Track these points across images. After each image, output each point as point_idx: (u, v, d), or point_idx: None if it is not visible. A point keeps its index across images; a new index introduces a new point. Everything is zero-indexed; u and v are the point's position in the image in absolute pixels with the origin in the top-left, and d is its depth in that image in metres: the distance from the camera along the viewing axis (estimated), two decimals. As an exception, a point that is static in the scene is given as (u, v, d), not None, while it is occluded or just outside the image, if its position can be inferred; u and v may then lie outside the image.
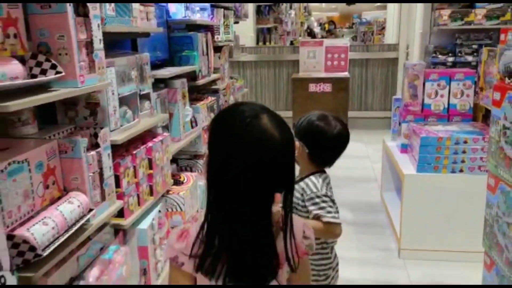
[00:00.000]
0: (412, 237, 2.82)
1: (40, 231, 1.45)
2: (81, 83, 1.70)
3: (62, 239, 1.54)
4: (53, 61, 1.61)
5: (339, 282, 2.35)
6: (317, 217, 1.64)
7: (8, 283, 1.10)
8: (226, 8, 4.12)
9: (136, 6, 2.25)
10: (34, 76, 1.58)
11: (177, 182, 2.81)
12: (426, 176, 2.74)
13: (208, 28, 3.64)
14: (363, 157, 5.18)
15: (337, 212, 1.69)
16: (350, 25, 19.37)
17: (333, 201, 1.71)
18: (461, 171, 2.70)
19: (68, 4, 1.62)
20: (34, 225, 1.46)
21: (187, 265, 1.02)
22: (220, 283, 0.98)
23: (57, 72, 1.61)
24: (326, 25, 22.18)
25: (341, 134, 1.68)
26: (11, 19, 1.53)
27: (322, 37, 14.29)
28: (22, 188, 1.47)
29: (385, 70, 6.49)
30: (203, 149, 3.33)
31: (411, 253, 2.82)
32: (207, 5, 3.67)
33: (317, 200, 1.66)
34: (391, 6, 7.66)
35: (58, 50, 1.66)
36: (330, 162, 1.75)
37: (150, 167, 2.34)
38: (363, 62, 6.56)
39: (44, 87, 1.63)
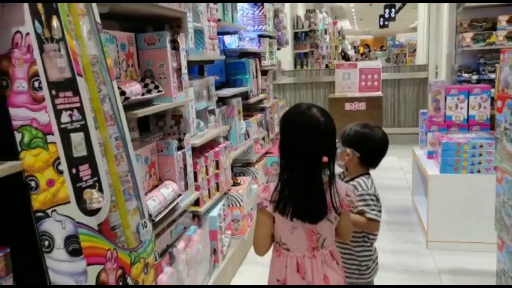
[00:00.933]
0: (438, 230, 3.23)
1: (152, 204, 2.00)
2: (174, 99, 2.29)
3: (164, 212, 2.09)
4: (156, 83, 2.21)
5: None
6: (361, 212, 1.92)
7: (148, 228, 1.66)
8: (270, 37, 4.71)
9: (206, 39, 2.85)
10: (143, 94, 2.17)
11: (235, 184, 3.36)
12: (448, 177, 3.17)
13: (256, 55, 4.22)
14: (397, 169, 5.59)
15: (380, 211, 1.99)
16: (384, 48, 19.81)
17: (378, 200, 2.01)
18: (478, 171, 3.12)
19: (167, 41, 2.22)
20: (147, 200, 2.02)
21: (268, 207, 1.53)
22: (288, 219, 1.50)
23: (159, 91, 2.20)
24: (361, 48, 22.67)
25: (384, 137, 2.05)
26: (130, 53, 2.14)
27: (356, 59, 14.80)
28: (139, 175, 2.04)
29: (416, 89, 6.92)
30: (255, 158, 3.87)
31: (437, 244, 3.22)
32: (255, 35, 4.27)
33: (366, 197, 1.95)
34: (421, 28, 8.11)
35: (159, 75, 2.25)
36: (377, 163, 2.06)
37: (217, 168, 2.91)
38: (395, 82, 7.01)
39: (148, 103, 2.22)
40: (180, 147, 2.43)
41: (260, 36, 4.38)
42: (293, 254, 1.55)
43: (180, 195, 2.32)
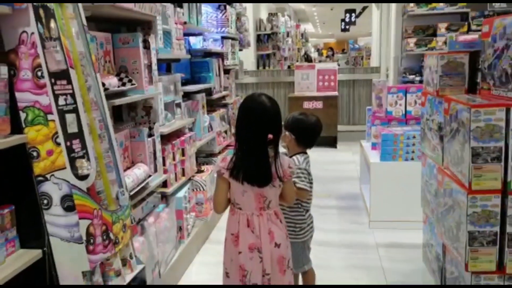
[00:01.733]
0: (378, 211, 3.68)
1: (127, 181, 2.33)
2: (145, 91, 2.62)
3: (137, 189, 2.42)
4: (130, 77, 2.54)
5: (321, 242, 3.21)
6: (294, 183, 2.30)
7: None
8: (232, 39, 5.08)
9: (174, 39, 3.19)
10: (119, 86, 2.49)
11: (199, 171, 3.70)
12: (387, 164, 3.63)
13: (219, 55, 4.58)
14: (349, 162, 6.07)
15: (311, 183, 2.42)
16: (345, 51, 20.54)
17: (309, 174, 2.45)
18: (412, 159, 3.58)
19: (140, 41, 2.55)
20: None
21: (225, 174, 1.90)
22: (240, 183, 1.87)
23: (132, 84, 2.52)
24: (324, 51, 23.37)
25: (315, 123, 2.53)
26: (107, 51, 2.46)
27: (320, 61, 15.38)
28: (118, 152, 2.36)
29: (369, 89, 7.44)
30: (217, 149, 4.23)
31: (378, 223, 3.67)
32: (218, 36, 4.63)
33: (297, 171, 2.35)
34: (375, 34, 8.68)
35: (132, 70, 2.58)
36: (310, 144, 2.53)
37: (183, 155, 3.25)
38: (350, 82, 7.53)
39: (122, 94, 2.54)
40: (150, 135, 2.76)
41: (223, 37, 4.74)
42: (244, 212, 1.93)
43: (150, 175, 2.65)
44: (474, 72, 2.52)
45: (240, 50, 5.67)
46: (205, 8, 4.37)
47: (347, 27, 18.77)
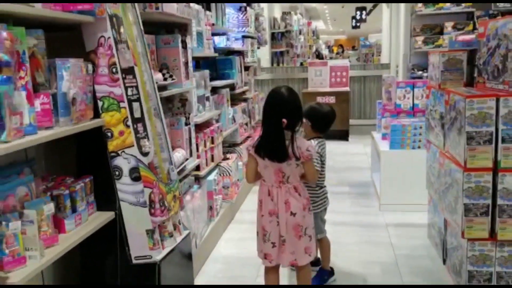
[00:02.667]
0: (388, 195, 4.03)
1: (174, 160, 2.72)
2: (183, 85, 3.01)
3: (179, 168, 2.81)
4: (171, 73, 2.93)
5: (336, 222, 3.59)
6: None
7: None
8: (252, 38, 5.45)
9: (204, 40, 3.57)
10: (163, 80, 2.88)
11: (225, 159, 4.09)
12: (396, 152, 3.99)
13: (240, 53, 4.95)
14: (361, 154, 6.43)
15: (322, 163, 2.79)
16: (356, 48, 20.80)
17: (321, 155, 2.82)
18: (418, 147, 3.93)
19: (179, 41, 2.93)
20: (167, 159, 2.73)
21: (251, 151, 2.32)
22: (262, 160, 2.27)
23: (173, 79, 2.91)
24: (335, 48, 23.63)
25: (329, 111, 2.91)
26: (152, 50, 2.85)
27: (331, 58, 15.70)
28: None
29: (379, 85, 7.77)
30: (239, 139, 4.61)
31: (387, 206, 4.03)
32: (240, 36, 5.01)
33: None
34: (385, 31, 9.00)
35: (173, 67, 2.97)
36: (324, 130, 2.91)
37: (212, 142, 3.64)
38: (361, 78, 7.87)
39: (164, 88, 2.92)
40: (186, 124, 3.14)
41: (243, 36, 5.12)
42: (267, 183, 2.34)
43: (187, 159, 3.04)
44: (472, 68, 2.87)
45: (258, 48, 6.04)
46: (228, 9, 4.75)
47: (358, 24, 19.03)
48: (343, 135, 7.37)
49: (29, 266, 1.54)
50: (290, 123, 2.28)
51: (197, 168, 3.35)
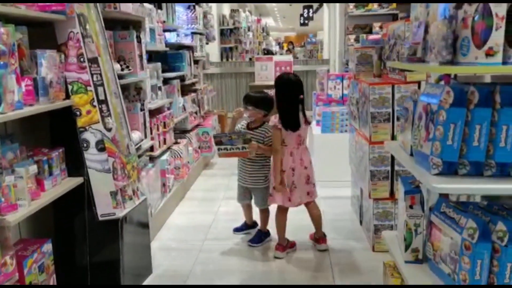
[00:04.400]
0: (321, 173, 4.63)
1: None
2: (138, 75, 3.45)
3: (136, 146, 3.25)
4: (127, 64, 3.36)
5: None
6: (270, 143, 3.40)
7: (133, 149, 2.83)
8: (200, 34, 5.91)
9: (156, 35, 4.01)
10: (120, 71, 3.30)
11: (176, 143, 4.55)
12: (327, 135, 4.61)
13: (189, 48, 5.40)
14: (302, 142, 7.08)
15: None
16: (303, 44, 21.57)
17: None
18: (345, 131, 4.57)
19: (134, 37, 3.37)
20: (125, 138, 3.17)
21: (279, 125, 3.08)
22: (285, 130, 3.04)
23: (129, 70, 3.34)
24: (285, 45, 24.31)
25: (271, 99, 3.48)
26: (111, 44, 3.27)
27: (281, 54, 16.33)
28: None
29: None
30: (189, 127, 5.08)
31: (321, 183, 4.61)
32: (189, 32, 5.46)
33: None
34: (326, 29, 9.68)
35: (129, 59, 3.40)
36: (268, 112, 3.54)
37: (164, 127, 4.09)
38: (304, 73, 8.50)
39: (121, 77, 3.35)
40: (141, 109, 3.58)
41: (192, 33, 5.57)
42: (288, 147, 3.14)
43: (142, 139, 3.48)
44: (381, 61, 3.49)
45: (207, 43, 6.51)
46: (178, 8, 5.18)
47: (306, 22, 19.78)
48: (287, 125, 7.96)
49: (19, 211, 1.96)
50: (302, 98, 3.12)
51: (151, 149, 3.79)
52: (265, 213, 3.44)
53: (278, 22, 28.83)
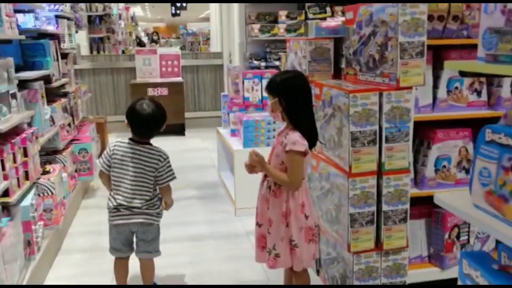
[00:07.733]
0: (244, 199, 3.65)
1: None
2: (-25, 81, 2.08)
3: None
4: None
5: (191, 237, 3.05)
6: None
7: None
8: (68, 19, 4.48)
9: (3, 16, 2.62)
10: None
11: (44, 172, 3.18)
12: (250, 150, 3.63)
13: (54, 37, 3.98)
14: (201, 150, 5.98)
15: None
16: (178, 36, 20.29)
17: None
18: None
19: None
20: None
21: (307, 148, 2.06)
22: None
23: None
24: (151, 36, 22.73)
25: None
26: None
27: (151, 46, 14.84)
28: None
29: (213, 74, 7.43)
30: (62, 145, 3.70)
31: (244, 211, 3.64)
32: (52, 15, 4.03)
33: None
34: (213, 19, 8.66)
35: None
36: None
37: (25, 155, 2.73)
38: (193, 68, 7.39)
39: None
40: (-17, 134, 2.23)
41: (57, 16, 4.14)
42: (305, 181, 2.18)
43: (-12, 185, 2.14)
44: (338, 57, 2.61)
45: (76, 32, 5.06)
46: (34, -19, 3.73)
47: (178, 12, 18.53)
48: (179, 130, 6.84)
49: None
50: None
51: (5, 193, 2.44)
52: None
53: (146, 11, 26.99)
